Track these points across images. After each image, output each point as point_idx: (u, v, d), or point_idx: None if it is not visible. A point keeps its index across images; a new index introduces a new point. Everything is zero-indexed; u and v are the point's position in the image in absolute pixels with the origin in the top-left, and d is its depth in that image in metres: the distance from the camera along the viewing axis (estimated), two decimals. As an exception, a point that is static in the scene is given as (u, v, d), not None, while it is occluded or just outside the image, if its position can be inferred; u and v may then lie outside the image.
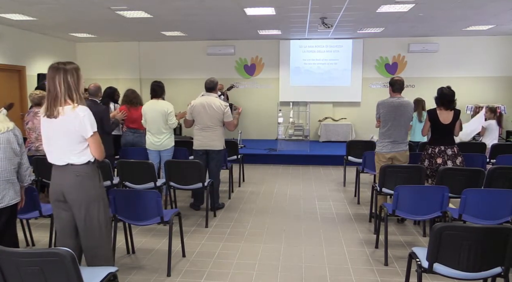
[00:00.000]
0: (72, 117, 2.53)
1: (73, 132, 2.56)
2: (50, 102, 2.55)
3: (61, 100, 2.53)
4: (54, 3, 6.47)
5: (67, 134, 2.57)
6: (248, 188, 6.40)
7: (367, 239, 4.20)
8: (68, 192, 2.63)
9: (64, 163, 2.61)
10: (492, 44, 10.09)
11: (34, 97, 4.94)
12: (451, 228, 2.36)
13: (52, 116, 2.54)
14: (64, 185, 2.63)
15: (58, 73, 2.55)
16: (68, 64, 2.60)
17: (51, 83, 2.55)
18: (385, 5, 6.71)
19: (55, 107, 2.54)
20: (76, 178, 2.61)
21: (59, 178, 2.65)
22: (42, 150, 4.84)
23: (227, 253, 3.83)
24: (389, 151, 4.54)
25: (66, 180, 2.62)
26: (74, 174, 2.61)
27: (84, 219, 2.66)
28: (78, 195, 2.62)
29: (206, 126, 4.92)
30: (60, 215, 2.73)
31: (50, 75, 2.56)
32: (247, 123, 10.94)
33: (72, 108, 2.54)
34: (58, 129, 2.57)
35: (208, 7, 6.81)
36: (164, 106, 5.11)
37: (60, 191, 2.64)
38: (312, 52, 10.71)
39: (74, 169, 2.61)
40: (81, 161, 2.61)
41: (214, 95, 5.02)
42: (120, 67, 11.23)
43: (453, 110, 4.43)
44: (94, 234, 2.70)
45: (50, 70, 2.58)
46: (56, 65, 2.58)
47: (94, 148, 2.63)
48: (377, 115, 4.64)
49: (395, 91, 4.53)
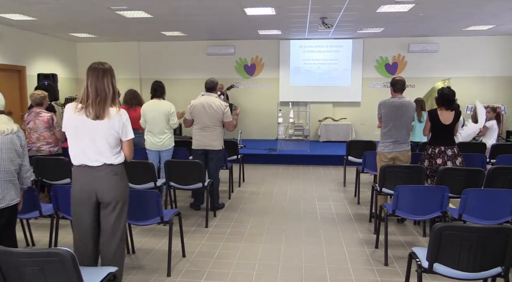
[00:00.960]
0: (116, 120, 2.61)
1: (114, 134, 2.63)
2: (97, 105, 2.56)
3: (109, 102, 2.59)
4: (54, 3, 6.47)
5: (108, 136, 2.61)
6: (248, 188, 6.40)
7: (367, 239, 4.20)
8: (105, 192, 2.64)
9: (100, 163, 2.63)
10: (492, 44, 10.09)
11: (36, 97, 4.93)
12: (451, 228, 2.36)
13: (100, 118, 2.57)
14: (100, 185, 2.63)
15: (107, 76, 2.60)
16: (108, 65, 2.66)
17: (100, 85, 2.58)
18: (385, 5, 6.71)
19: (103, 109, 2.57)
20: (114, 177, 2.65)
21: (92, 178, 2.63)
22: (44, 149, 4.89)
23: (227, 253, 3.83)
24: (391, 151, 4.53)
25: (102, 180, 2.63)
26: (112, 173, 2.65)
27: (115, 218, 2.69)
28: (116, 193, 2.66)
29: (205, 126, 4.92)
30: (84, 219, 2.68)
31: (98, 77, 2.59)
32: (247, 123, 10.94)
33: (116, 111, 2.61)
34: (99, 130, 2.59)
35: (208, 7, 6.81)
36: (166, 106, 5.11)
37: (93, 192, 2.64)
38: (312, 52, 10.71)
39: (111, 168, 2.65)
40: (118, 161, 2.69)
41: (214, 95, 5.03)
42: (120, 67, 11.21)
43: (454, 111, 4.43)
44: (118, 233, 2.73)
45: (96, 71, 2.60)
46: (103, 66, 2.62)
47: (129, 150, 2.75)
48: (379, 116, 4.64)
49: (396, 92, 4.53)
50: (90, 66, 2.64)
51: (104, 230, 2.71)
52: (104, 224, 2.71)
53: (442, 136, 4.45)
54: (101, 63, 2.65)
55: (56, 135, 4.95)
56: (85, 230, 2.70)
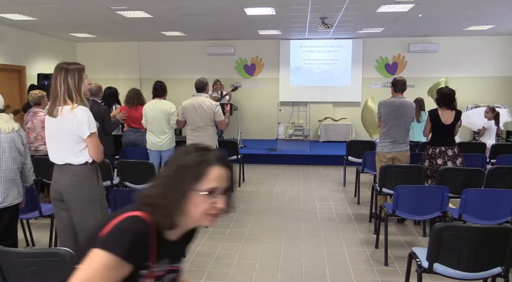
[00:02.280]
0: (70, 117, 2.54)
1: (70, 133, 2.57)
2: (51, 101, 2.59)
3: (61, 100, 2.55)
4: (54, 3, 6.47)
5: (65, 134, 2.58)
6: (248, 188, 6.40)
7: (367, 239, 4.20)
8: (65, 192, 2.64)
9: (62, 162, 2.63)
10: (492, 44, 10.08)
11: (33, 97, 4.94)
12: (451, 228, 2.36)
13: (52, 115, 2.57)
14: (62, 184, 2.64)
15: (60, 73, 2.57)
16: (71, 65, 2.61)
17: (53, 83, 2.58)
18: (385, 5, 6.71)
19: (55, 106, 2.56)
20: (73, 177, 2.62)
21: (58, 177, 2.67)
22: (42, 149, 4.88)
23: (227, 253, 3.82)
24: (390, 151, 4.53)
25: (64, 179, 2.63)
26: (72, 173, 2.62)
27: (80, 219, 2.66)
28: (75, 195, 2.63)
29: (197, 127, 4.92)
30: (60, 214, 2.74)
31: (54, 75, 2.59)
32: (247, 123, 10.94)
33: (71, 108, 2.55)
34: (57, 129, 2.59)
35: (208, 7, 6.81)
36: (167, 106, 5.11)
37: (58, 190, 2.66)
38: (312, 52, 10.71)
39: (71, 168, 2.62)
40: (78, 161, 2.62)
41: (204, 95, 5.02)
42: (120, 67, 11.23)
43: (454, 110, 4.43)
44: None
45: (55, 70, 2.61)
46: (60, 65, 2.61)
47: (91, 148, 2.62)
48: (378, 115, 4.65)
49: (397, 91, 4.53)
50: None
51: (77, 230, 2.72)
52: (75, 223, 2.71)
53: (442, 136, 4.45)
54: (62, 62, 2.62)
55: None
56: (63, 227, 2.74)
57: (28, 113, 4.97)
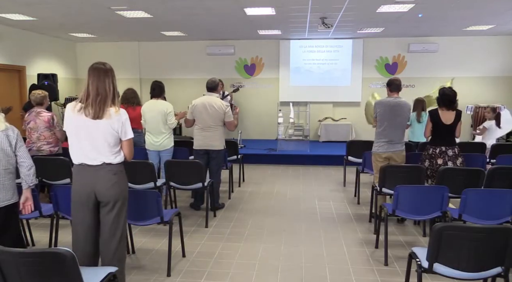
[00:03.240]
0: (115, 119, 2.62)
1: (113, 134, 2.64)
2: (97, 104, 2.57)
3: (109, 102, 2.60)
4: (54, 3, 6.47)
5: (107, 135, 2.62)
6: (248, 188, 6.40)
7: (367, 239, 4.20)
8: (103, 191, 2.64)
9: (99, 162, 2.63)
10: (492, 44, 10.09)
11: (36, 97, 4.93)
12: (451, 228, 2.36)
13: (99, 118, 2.58)
14: (99, 184, 2.63)
15: (107, 76, 2.61)
16: (109, 66, 2.67)
17: (101, 86, 2.59)
18: (385, 5, 6.71)
19: (103, 110, 2.58)
20: (113, 176, 2.66)
21: (91, 177, 2.64)
22: (45, 149, 4.88)
23: (227, 253, 3.83)
24: (385, 151, 4.54)
25: (101, 179, 2.63)
26: (111, 172, 2.65)
27: (113, 217, 2.69)
28: (115, 192, 2.66)
29: (207, 126, 4.92)
30: (85, 218, 2.68)
31: (99, 77, 2.60)
32: (247, 123, 10.94)
33: (115, 111, 2.62)
34: (99, 130, 2.60)
35: (208, 7, 6.81)
36: (163, 106, 5.11)
37: (92, 191, 2.64)
38: (312, 52, 10.71)
39: (110, 168, 2.66)
40: (117, 160, 2.69)
41: (215, 95, 5.03)
42: (120, 67, 11.20)
43: (455, 110, 4.43)
44: (118, 232, 2.73)
45: (97, 71, 2.61)
46: (103, 66, 2.63)
47: (128, 149, 2.75)
48: (374, 115, 4.66)
49: (392, 91, 4.55)
50: (92, 66, 2.64)
51: (103, 230, 2.72)
52: (103, 223, 2.71)
53: (443, 136, 4.44)
54: (102, 64, 2.66)
55: (56, 135, 4.95)
56: (85, 229, 2.70)
57: (30, 113, 4.96)
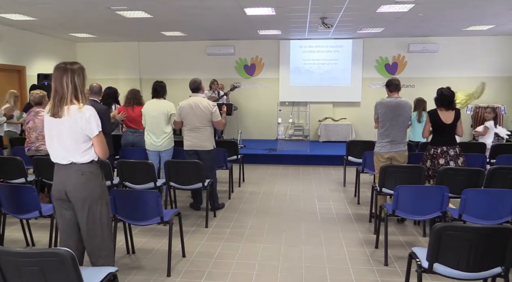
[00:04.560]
0: (78, 117, 2.56)
1: (78, 132, 2.59)
2: (56, 102, 2.57)
3: (68, 100, 2.56)
4: (54, 3, 6.47)
5: (72, 133, 2.59)
6: (248, 188, 6.40)
7: (367, 239, 4.20)
8: (71, 191, 2.63)
9: (68, 161, 2.62)
10: (492, 44, 10.09)
11: (35, 96, 4.94)
12: (451, 228, 2.36)
13: (57, 116, 2.56)
14: (68, 184, 2.63)
15: (66, 74, 2.57)
16: (74, 65, 2.62)
17: (58, 83, 2.57)
18: (385, 5, 6.71)
19: (61, 107, 2.56)
20: (80, 176, 2.63)
21: (62, 176, 2.65)
22: (43, 149, 4.87)
23: (227, 253, 3.82)
24: (388, 151, 4.54)
25: (70, 179, 2.63)
26: (78, 172, 2.63)
27: (86, 218, 2.67)
28: (82, 193, 2.64)
29: (195, 127, 4.92)
30: (62, 214, 2.73)
31: (57, 75, 2.58)
32: (247, 123, 10.94)
33: (78, 108, 2.57)
34: (63, 129, 2.59)
35: (208, 7, 6.81)
36: (166, 107, 5.11)
37: (63, 190, 2.65)
38: (312, 52, 10.71)
39: (78, 167, 2.63)
40: (85, 159, 2.64)
41: (201, 95, 5.02)
42: (120, 67, 11.23)
43: (454, 110, 4.44)
44: (97, 233, 2.71)
45: (57, 70, 2.59)
46: (63, 65, 2.60)
47: (98, 147, 2.66)
48: (375, 116, 4.65)
49: (392, 91, 4.55)
50: (55, 66, 2.62)
51: (81, 228, 2.72)
52: (80, 223, 2.71)
53: (444, 136, 4.44)
54: (64, 63, 2.62)
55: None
56: (65, 228, 2.73)
57: (29, 113, 4.97)
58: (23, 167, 4.64)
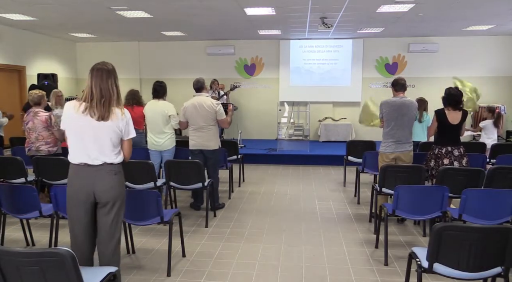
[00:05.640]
0: (120, 119, 2.63)
1: (118, 133, 2.66)
2: (102, 105, 2.57)
3: (113, 103, 2.61)
4: (54, 3, 6.47)
5: (112, 135, 2.63)
6: (248, 188, 6.40)
7: (367, 239, 4.20)
8: (103, 191, 2.62)
9: (100, 162, 2.62)
10: (492, 44, 10.09)
11: (34, 96, 4.92)
12: (451, 228, 2.36)
13: (103, 119, 2.57)
14: (99, 184, 2.61)
15: (110, 76, 2.62)
16: (112, 66, 2.68)
17: (104, 86, 2.59)
18: (385, 5, 6.71)
19: (108, 110, 2.59)
20: (114, 176, 2.65)
21: (91, 178, 2.61)
22: (43, 149, 4.87)
23: (227, 253, 3.82)
24: (393, 151, 4.51)
25: (101, 179, 2.61)
26: (112, 172, 2.65)
27: (112, 218, 2.67)
28: (115, 193, 2.66)
29: (199, 127, 4.93)
30: (82, 218, 2.65)
31: (101, 77, 2.59)
32: (247, 123, 10.94)
33: (121, 111, 2.64)
34: (103, 130, 2.59)
35: (208, 7, 6.81)
36: (163, 107, 5.11)
37: (92, 191, 2.61)
38: (312, 52, 10.71)
39: (111, 168, 2.65)
40: (118, 160, 2.69)
41: (204, 94, 5.03)
42: (120, 67, 11.07)
43: (461, 111, 4.43)
44: (116, 233, 2.72)
45: (100, 71, 2.60)
46: (106, 67, 2.63)
47: (128, 149, 2.77)
48: (380, 115, 4.63)
49: (397, 91, 4.52)
50: (94, 66, 2.63)
51: (102, 231, 2.69)
52: (101, 224, 2.69)
53: (449, 136, 4.43)
54: (105, 64, 2.65)
55: (54, 135, 4.93)
56: (82, 229, 2.68)
57: (28, 113, 4.94)
58: (23, 167, 4.64)
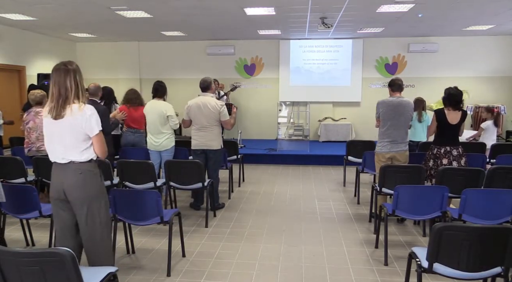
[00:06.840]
0: (79, 116, 2.56)
1: (78, 130, 2.59)
2: (59, 104, 2.55)
3: (70, 100, 2.56)
4: (54, 3, 6.47)
5: (73, 132, 2.58)
6: (248, 188, 6.40)
7: (367, 239, 4.20)
8: (69, 190, 2.62)
9: (66, 161, 2.61)
10: (492, 44, 10.09)
11: (36, 96, 4.93)
12: (451, 228, 2.36)
13: (60, 117, 2.55)
14: (66, 183, 2.62)
15: (68, 74, 2.57)
16: (73, 64, 2.63)
17: (62, 85, 2.55)
18: (385, 5, 6.71)
19: (64, 108, 2.55)
20: (78, 175, 2.62)
21: (60, 176, 2.64)
22: (44, 150, 4.85)
23: (227, 253, 3.83)
24: (388, 151, 4.53)
25: (68, 178, 2.62)
26: (77, 171, 2.61)
27: (85, 217, 2.66)
28: (80, 192, 2.63)
29: (202, 127, 4.93)
30: (59, 214, 2.72)
31: (60, 77, 2.56)
32: (247, 123, 10.94)
33: (79, 107, 2.57)
34: (63, 128, 2.58)
35: (208, 7, 6.82)
36: (162, 108, 5.11)
37: (61, 189, 2.64)
38: (312, 52, 10.72)
39: (76, 166, 2.62)
40: (83, 158, 2.63)
41: (209, 95, 5.03)
42: (120, 67, 11.23)
43: (461, 111, 4.43)
44: (96, 232, 2.70)
45: (58, 71, 2.58)
46: (64, 66, 2.59)
47: (98, 146, 2.66)
48: (377, 115, 4.64)
49: (394, 91, 4.54)
50: (54, 67, 2.61)
51: (81, 229, 2.71)
52: (78, 222, 2.70)
53: (448, 136, 4.44)
54: (64, 64, 2.62)
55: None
56: (63, 227, 2.72)
57: (29, 113, 4.96)
58: (23, 167, 4.65)
